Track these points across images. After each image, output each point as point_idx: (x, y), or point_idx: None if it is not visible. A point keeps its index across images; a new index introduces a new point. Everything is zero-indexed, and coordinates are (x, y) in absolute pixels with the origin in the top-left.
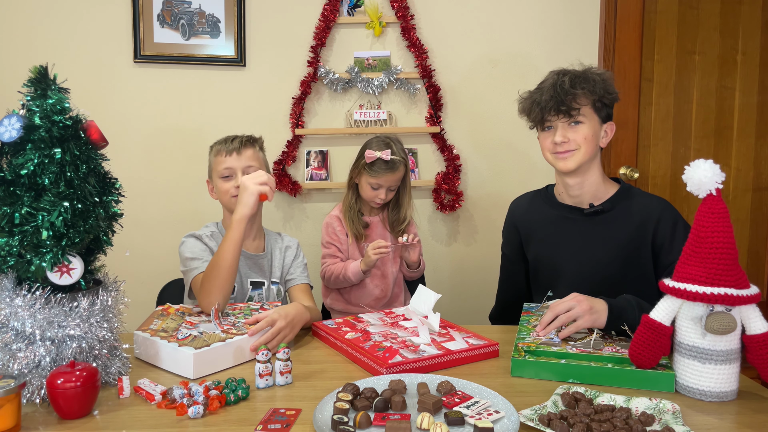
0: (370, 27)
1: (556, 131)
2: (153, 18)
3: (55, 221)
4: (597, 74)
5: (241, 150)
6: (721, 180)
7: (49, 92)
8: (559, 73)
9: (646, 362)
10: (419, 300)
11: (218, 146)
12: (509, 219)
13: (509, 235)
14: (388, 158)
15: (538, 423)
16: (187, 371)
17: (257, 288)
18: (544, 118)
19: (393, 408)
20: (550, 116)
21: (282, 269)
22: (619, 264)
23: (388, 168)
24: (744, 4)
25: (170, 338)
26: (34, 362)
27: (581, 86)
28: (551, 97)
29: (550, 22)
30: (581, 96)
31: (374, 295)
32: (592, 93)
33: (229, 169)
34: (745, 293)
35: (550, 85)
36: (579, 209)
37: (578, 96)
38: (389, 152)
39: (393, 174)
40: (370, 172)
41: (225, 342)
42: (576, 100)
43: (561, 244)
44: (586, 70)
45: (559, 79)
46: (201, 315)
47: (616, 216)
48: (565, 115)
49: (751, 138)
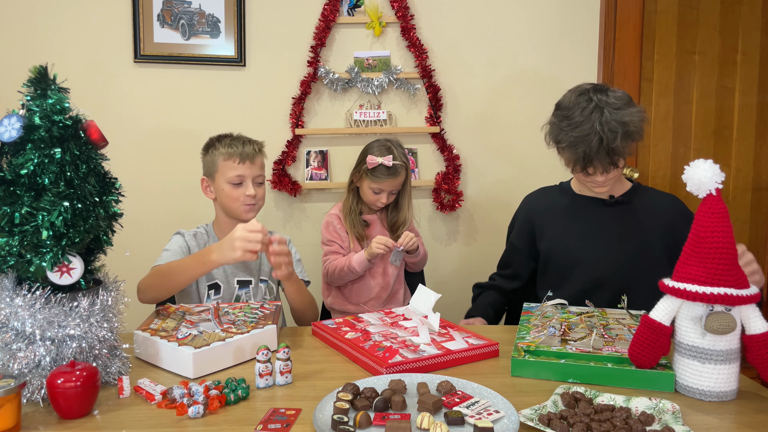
0: (370, 27)
1: (596, 175)
2: (153, 18)
3: (55, 221)
4: (636, 125)
5: (254, 158)
6: (721, 180)
7: (48, 92)
8: (602, 122)
9: (646, 362)
10: (419, 300)
11: (226, 149)
12: (524, 210)
13: (523, 226)
14: (390, 164)
15: (538, 423)
16: (187, 371)
17: (244, 287)
18: (588, 171)
19: (393, 408)
20: (597, 170)
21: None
22: (635, 252)
23: (390, 174)
24: (744, 4)
25: (170, 338)
26: (34, 362)
27: (629, 142)
28: (601, 157)
29: (550, 22)
30: (628, 147)
31: (375, 291)
32: (635, 139)
33: (241, 177)
34: (744, 293)
35: (598, 143)
36: (600, 200)
37: (626, 148)
38: (391, 158)
39: (395, 179)
40: (372, 177)
41: (225, 341)
42: (626, 152)
43: (580, 233)
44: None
45: (606, 137)
46: (201, 314)
47: (635, 207)
48: (613, 167)
49: (751, 138)
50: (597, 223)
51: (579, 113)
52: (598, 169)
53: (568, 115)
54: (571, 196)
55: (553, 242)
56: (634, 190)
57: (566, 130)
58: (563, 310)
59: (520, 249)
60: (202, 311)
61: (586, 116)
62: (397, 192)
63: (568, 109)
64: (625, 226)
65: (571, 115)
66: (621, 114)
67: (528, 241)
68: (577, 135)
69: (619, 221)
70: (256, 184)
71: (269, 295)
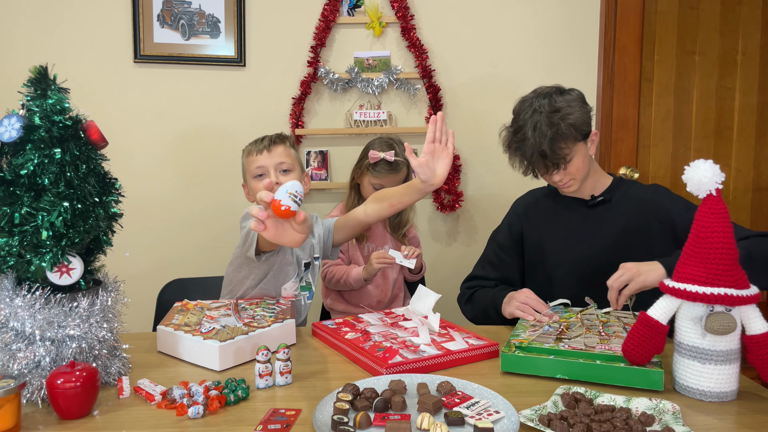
0: (370, 27)
1: (551, 176)
2: (153, 18)
3: (55, 221)
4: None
5: (271, 147)
6: (721, 180)
7: (49, 92)
8: (534, 127)
9: (639, 358)
10: (419, 300)
11: (249, 147)
12: (513, 213)
13: (511, 227)
14: (392, 159)
15: (538, 423)
16: (213, 364)
17: (307, 268)
18: (536, 174)
19: (393, 408)
20: (542, 172)
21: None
22: (623, 247)
23: (391, 169)
24: (744, 4)
25: (194, 332)
26: (34, 362)
27: (563, 144)
28: (537, 161)
29: (550, 22)
30: (564, 148)
31: (374, 296)
32: (573, 139)
33: (261, 167)
34: (745, 293)
35: (531, 147)
36: (582, 200)
37: (562, 149)
38: (393, 153)
39: (396, 175)
40: (373, 173)
41: (248, 335)
42: (561, 154)
43: (566, 234)
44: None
45: (535, 141)
46: (219, 309)
47: (617, 203)
48: (556, 168)
49: (751, 138)
50: (578, 222)
51: (520, 119)
52: (540, 171)
53: (514, 121)
54: (555, 197)
55: (539, 245)
56: (615, 185)
57: (510, 136)
58: (566, 309)
59: (506, 247)
60: (220, 307)
61: (525, 121)
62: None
63: (516, 115)
64: (607, 224)
65: (515, 121)
66: (555, 117)
67: (515, 240)
68: (516, 140)
69: (600, 220)
70: (279, 171)
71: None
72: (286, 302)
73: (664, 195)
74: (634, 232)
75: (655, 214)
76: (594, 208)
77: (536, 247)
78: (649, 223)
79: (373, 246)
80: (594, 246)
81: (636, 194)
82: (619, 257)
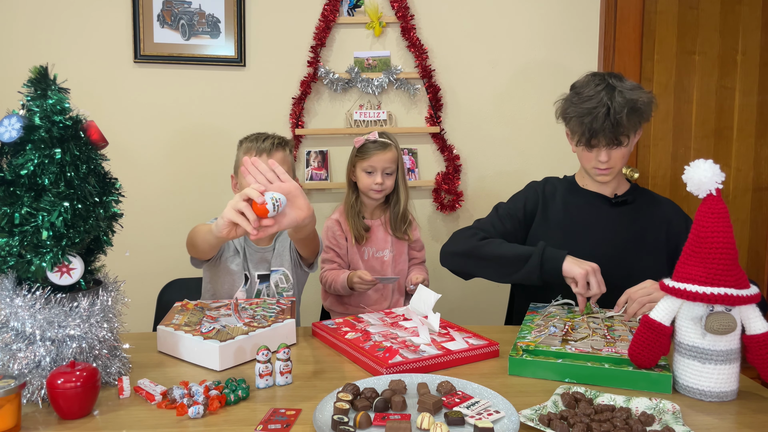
0: (370, 27)
1: (600, 152)
2: (153, 18)
3: (55, 221)
4: (644, 104)
5: (271, 152)
6: (721, 180)
7: (49, 92)
8: (611, 97)
9: (646, 362)
10: (419, 300)
11: (249, 143)
12: (532, 190)
13: (527, 202)
14: (375, 138)
15: (538, 423)
16: (213, 364)
17: (264, 281)
18: (592, 144)
19: (393, 408)
20: (601, 144)
21: (291, 251)
22: (629, 251)
23: (378, 147)
24: (744, 4)
25: (194, 332)
26: (34, 362)
27: (635, 119)
28: (606, 129)
29: (550, 21)
30: (636, 124)
31: (373, 299)
32: (643, 119)
33: None
34: (745, 293)
35: (604, 114)
36: (604, 197)
37: (630, 128)
38: (376, 133)
39: (384, 153)
40: (361, 156)
41: (248, 335)
42: (628, 133)
43: (585, 229)
44: (634, 96)
45: (613, 109)
46: (220, 309)
47: (638, 207)
48: (616, 144)
49: (751, 138)
50: (599, 218)
51: (590, 90)
52: (602, 142)
53: (580, 92)
54: (576, 189)
55: (552, 235)
56: (635, 190)
57: (576, 103)
58: (569, 310)
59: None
60: (220, 307)
61: (597, 92)
62: (392, 174)
63: (581, 87)
64: (624, 225)
65: (582, 92)
66: (630, 93)
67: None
68: (585, 107)
69: (619, 219)
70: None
71: (287, 283)
72: (287, 302)
73: (680, 214)
74: (642, 240)
75: (665, 229)
76: (616, 206)
77: (549, 234)
78: (657, 236)
79: (373, 250)
80: (608, 244)
81: (656, 203)
82: (623, 260)
